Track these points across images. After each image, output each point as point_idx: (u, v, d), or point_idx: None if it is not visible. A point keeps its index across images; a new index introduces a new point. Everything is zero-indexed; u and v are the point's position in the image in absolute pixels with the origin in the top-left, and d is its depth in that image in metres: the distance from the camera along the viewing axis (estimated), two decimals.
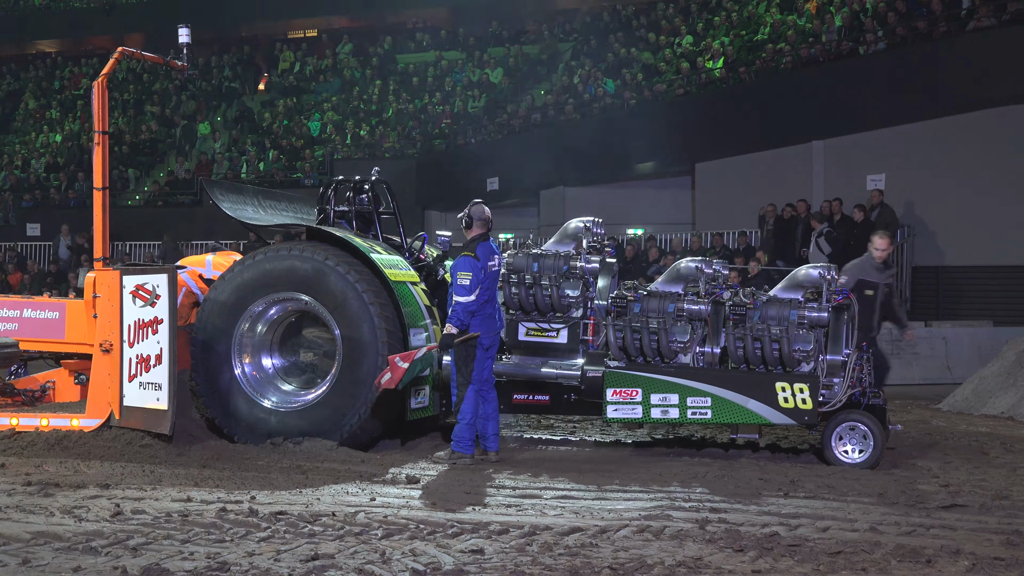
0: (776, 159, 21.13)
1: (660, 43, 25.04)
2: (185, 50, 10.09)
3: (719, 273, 9.60)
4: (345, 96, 30.20)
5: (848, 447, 8.91)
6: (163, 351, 8.95)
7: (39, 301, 10.56)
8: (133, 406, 9.06)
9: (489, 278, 8.97)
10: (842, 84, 19.83)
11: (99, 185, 9.66)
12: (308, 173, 27.03)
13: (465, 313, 8.77)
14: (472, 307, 8.78)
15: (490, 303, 9.04)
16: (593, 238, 9.95)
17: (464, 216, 9.07)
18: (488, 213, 9.16)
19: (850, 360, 8.98)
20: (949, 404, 13.44)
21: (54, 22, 35.53)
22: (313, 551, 5.99)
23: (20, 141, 32.31)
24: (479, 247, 8.93)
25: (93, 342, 9.38)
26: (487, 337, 9.01)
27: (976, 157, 18.53)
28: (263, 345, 9.78)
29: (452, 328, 8.77)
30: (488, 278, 8.94)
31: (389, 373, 8.63)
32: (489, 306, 9.02)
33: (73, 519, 6.76)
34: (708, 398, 9.03)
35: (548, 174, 24.18)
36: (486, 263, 8.89)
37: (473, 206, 9.11)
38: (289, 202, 11.55)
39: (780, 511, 7.12)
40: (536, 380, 9.73)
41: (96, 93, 9.61)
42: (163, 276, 9.06)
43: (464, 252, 8.90)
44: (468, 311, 8.77)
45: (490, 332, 9.05)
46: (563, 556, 5.96)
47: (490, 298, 9.04)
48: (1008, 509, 7.26)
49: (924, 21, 19.10)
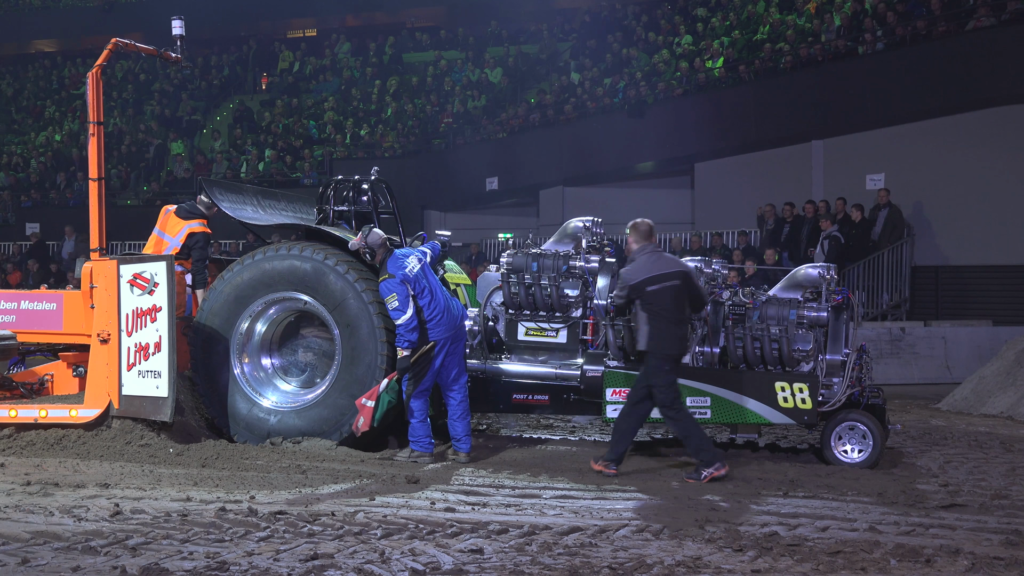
0: (775, 159, 21.14)
1: (659, 43, 25.03)
2: (179, 42, 10.10)
3: (718, 273, 9.60)
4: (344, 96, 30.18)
5: (847, 447, 8.92)
6: (162, 339, 8.96)
7: (36, 293, 10.56)
8: (132, 395, 9.06)
9: (416, 280, 8.94)
10: (841, 84, 19.85)
11: (94, 176, 9.66)
12: (307, 173, 27.02)
13: (408, 332, 8.83)
14: (412, 323, 8.83)
15: (436, 300, 9.01)
16: (592, 238, 9.95)
17: (365, 250, 9.07)
18: (382, 234, 9.18)
19: (849, 360, 8.98)
20: (948, 404, 13.45)
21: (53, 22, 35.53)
22: (312, 551, 5.99)
23: (19, 141, 32.29)
24: (388, 265, 8.97)
25: (91, 332, 9.38)
26: (449, 331, 8.99)
27: (975, 157, 18.53)
28: (262, 345, 9.79)
29: (403, 351, 8.85)
30: (415, 280, 8.93)
31: (361, 417, 8.83)
32: (436, 303, 9.00)
33: (72, 519, 6.76)
34: (707, 398, 9.03)
35: (547, 174, 24.19)
36: (402, 273, 8.90)
37: (369, 236, 9.08)
38: (288, 202, 11.54)
39: (779, 511, 7.12)
40: (535, 380, 9.74)
41: (90, 84, 9.61)
42: (161, 264, 9.07)
43: (380, 278, 8.95)
44: (410, 329, 8.83)
45: (451, 327, 9.03)
46: (562, 556, 5.96)
47: (433, 294, 9.01)
48: (1007, 509, 7.27)
49: (923, 21, 19.11)
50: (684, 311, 8.45)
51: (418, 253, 9.27)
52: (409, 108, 28.40)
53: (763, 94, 21.16)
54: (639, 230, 8.59)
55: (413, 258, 9.11)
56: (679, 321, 8.39)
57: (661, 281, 8.30)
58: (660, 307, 8.28)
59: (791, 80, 20.71)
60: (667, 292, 8.29)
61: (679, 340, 8.39)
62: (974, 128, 18.60)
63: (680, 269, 8.46)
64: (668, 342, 8.31)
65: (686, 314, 8.51)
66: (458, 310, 9.25)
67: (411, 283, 8.92)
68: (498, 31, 30.39)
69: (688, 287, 8.42)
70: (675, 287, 8.33)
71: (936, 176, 18.86)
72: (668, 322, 8.28)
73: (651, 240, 8.60)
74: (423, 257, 9.24)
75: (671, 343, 8.32)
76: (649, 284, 8.30)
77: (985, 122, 18.52)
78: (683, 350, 8.52)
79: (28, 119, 33.31)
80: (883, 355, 16.24)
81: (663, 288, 8.29)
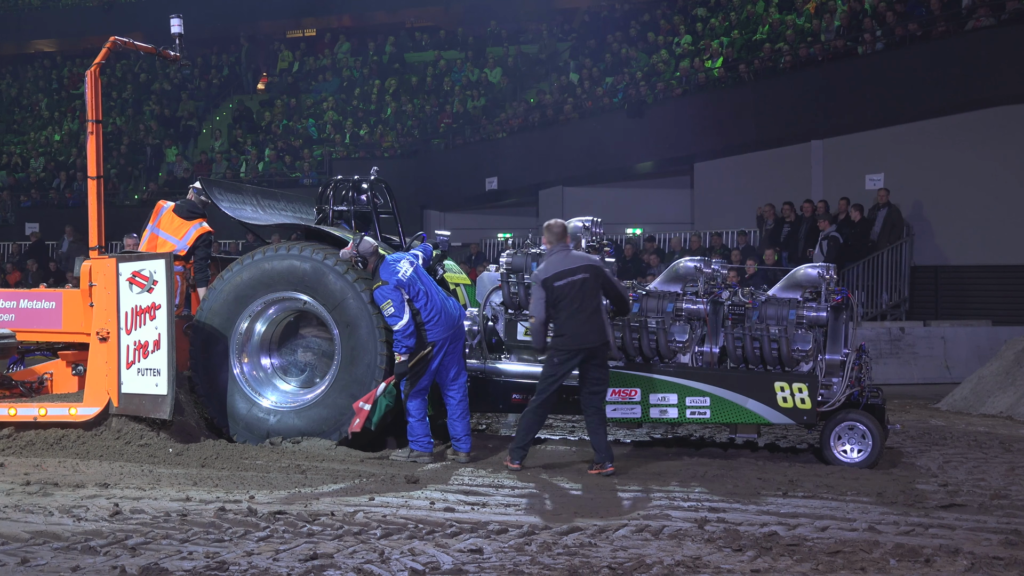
0: (775, 159, 21.15)
1: (659, 43, 25.04)
2: (178, 40, 10.09)
3: (718, 273, 9.60)
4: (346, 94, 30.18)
5: (847, 446, 8.92)
6: (161, 336, 8.96)
7: (35, 292, 10.56)
8: (131, 393, 9.06)
9: (410, 283, 8.95)
10: (841, 84, 19.85)
11: (93, 174, 9.65)
12: (307, 173, 27.02)
13: (405, 337, 8.86)
14: (408, 330, 8.85)
15: (432, 301, 9.00)
16: (592, 238, 9.95)
17: (357, 258, 9.12)
18: (373, 242, 9.20)
19: (849, 360, 8.98)
20: (948, 404, 13.45)
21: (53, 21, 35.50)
22: (312, 551, 5.99)
23: (18, 141, 32.29)
24: (380, 272, 9.01)
25: (90, 331, 9.38)
26: (447, 331, 8.99)
27: (975, 157, 18.54)
28: (262, 344, 9.78)
29: (400, 356, 8.88)
30: (409, 284, 8.94)
31: (357, 419, 8.86)
32: (432, 303, 9.00)
33: (72, 519, 6.76)
34: (707, 398, 9.04)
35: (547, 173, 24.19)
36: (395, 279, 8.92)
37: (361, 245, 9.13)
38: (288, 202, 11.54)
39: (779, 510, 7.12)
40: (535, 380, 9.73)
41: (89, 82, 9.61)
42: (160, 261, 9.07)
43: (374, 286, 8.99)
44: (406, 335, 8.85)
45: (448, 327, 9.02)
46: (562, 555, 5.96)
47: (428, 296, 9.00)
48: (1007, 508, 7.27)
49: (923, 21, 19.11)
50: (593, 303, 8.56)
51: (410, 256, 9.27)
52: (408, 108, 28.41)
53: (762, 94, 21.16)
54: (552, 231, 8.78)
55: (405, 262, 9.11)
56: (588, 313, 8.50)
57: (568, 276, 8.47)
58: (567, 301, 8.45)
59: (791, 80, 20.71)
60: (574, 286, 8.44)
61: (586, 333, 8.50)
62: (973, 128, 18.61)
63: (588, 263, 8.61)
64: (569, 337, 8.47)
65: (596, 306, 8.60)
66: (456, 309, 9.24)
67: (405, 287, 8.93)
68: (497, 31, 30.39)
69: (599, 280, 8.58)
70: (583, 280, 8.51)
71: (935, 176, 18.87)
72: (574, 316, 8.46)
73: (564, 240, 8.76)
74: (415, 260, 9.24)
75: (572, 338, 8.47)
76: (556, 280, 8.47)
77: (984, 122, 18.52)
78: (593, 342, 8.56)
79: (28, 119, 33.29)
80: (882, 355, 16.24)
81: (570, 282, 8.45)
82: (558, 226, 8.79)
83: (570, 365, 8.58)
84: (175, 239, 10.44)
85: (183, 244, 10.37)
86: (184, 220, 10.46)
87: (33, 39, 35.93)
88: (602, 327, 8.60)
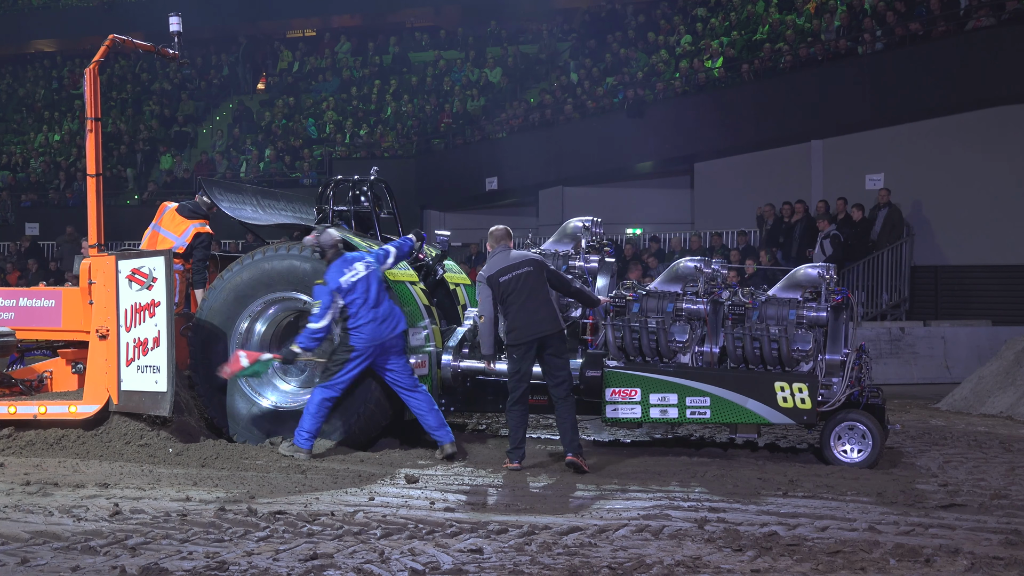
0: (775, 158, 21.14)
1: (659, 43, 25.04)
2: (177, 39, 10.08)
3: (718, 273, 9.60)
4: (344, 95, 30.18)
5: (847, 446, 8.92)
6: (161, 333, 8.97)
7: (35, 290, 10.56)
8: (131, 390, 9.07)
9: (349, 291, 8.88)
10: (841, 84, 19.84)
11: (92, 172, 9.66)
12: (307, 173, 27.02)
13: (311, 338, 8.89)
14: (320, 333, 8.87)
15: (365, 307, 8.90)
16: (592, 237, 9.95)
17: (316, 249, 9.15)
18: (335, 235, 9.18)
19: (849, 360, 8.98)
20: (948, 403, 13.45)
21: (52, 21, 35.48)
22: (312, 550, 5.99)
23: (18, 141, 32.28)
24: (329, 269, 9.00)
25: (89, 329, 9.38)
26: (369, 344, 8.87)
27: (975, 157, 18.54)
28: (262, 344, 9.77)
29: (297, 348, 8.94)
30: (348, 292, 8.87)
31: (229, 367, 9.01)
32: (361, 317, 8.89)
33: (72, 519, 6.76)
34: (707, 398, 9.04)
35: (547, 173, 24.18)
36: (336, 283, 8.88)
37: (322, 236, 9.15)
38: (288, 202, 11.54)
39: (779, 510, 7.13)
40: (535, 380, 9.73)
41: (88, 80, 9.62)
42: (160, 259, 9.08)
43: (317, 280, 9.05)
44: (314, 336, 8.89)
45: (372, 340, 8.88)
46: (562, 555, 5.96)
47: (366, 302, 8.90)
48: (1007, 508, 7.27)
49: (923, 21, 19.11)
50: (540, 294, 8.74)
51: (370, 258, 9.14)
52: (408, 108, 28.41)
53: (763, 94, 21.16)
54: (494, 235, 9.06)
55: (360, 264, 9.02)
56: (537, 303, 8.70)
57: (511, 271, 8.74)
58: (515, 295, 8.69)
59: (791, 80, 20.71)
60: (519, 279, 8.71)
61: (537, 322, 8.68)
62: (974, 128, 18.61)
63: (530, 258, 8.89)
64: (520, 329, 8.68)
65: (544, 297, 8.76)
66: (390, 327, 8.99)
67: (343, 294, 8.89)
68: (497, 31, 30.39)
69: (542, 272, 8.80)
70: (527, 273, 8.74)
71: (935, 176, 18.87)
72: (523, 308, 8.66)
73: (505, 242, 9.00)
74: (374, 263, 9.10)
75: (523, 329, 8.68)
76: (501, 275, 8.73)
77: (985, 122, 18.52)
78: (545, 330, 8.72)
79: (28, 119, 33.29)
80: (882, 355, 16.24)
81: (514, 276, 8.72)
82: (500, 230, 9.11)
83: (529, 357, 8.74)
84: (174, 236, 10.51)
85: (181, 241, 10.43)
86: (185, 219, 10.53)
87: (33, 39, 35.91)
88: (554, 315, 8.79)
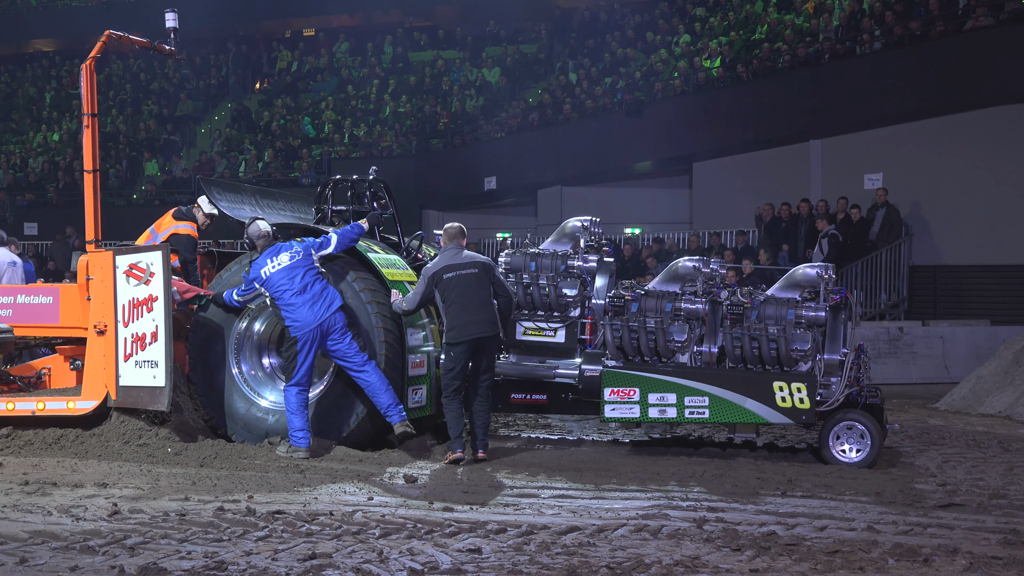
0: (773, 158, 21.16)
1: (657, 43, 25.04)
2: (173, 35, 10.07)
3: (716, 272, 9.60)
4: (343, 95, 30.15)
5: (846, 446, 8.92)
6: (159, 328, 8.98)
7: (33, 287, 10.57)
8: (129, 385, 9.07)
9: (276, 278, 8.99)
10: (840, 83, 19.87)
11: (89, 168, 9.66)
12: (306, 172, 27.01)
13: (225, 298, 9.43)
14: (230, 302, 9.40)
15: (299, 295, 8.95)
16: (591, 237, 9.96)
17: (246, 240, 9.36)
18: (264, 227, 9.35)
19: (847, 359, 8.99)
20: (946, 403, 13.45)
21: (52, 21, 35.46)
22: (311, 550, 5.99)
23: (17, 140, 32.27)
24: (254, 263, 9.18)
25: (87, 325, 9.38)
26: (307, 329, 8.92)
27: (973, 156, 18.55)
28: (261, 344, 9.78)
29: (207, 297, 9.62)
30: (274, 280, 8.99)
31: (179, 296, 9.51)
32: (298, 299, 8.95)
33: (71, 518, 6.76)
34: (706, 397, 9.04)
35: (546, 173, 24.18)
36: (255, 274, 9.09)
37: (249, 227, 9.34)
38: (287, 201, 11.54)
39: (778, 510, 7.13)
40: (534, 379, 9.75)
41: (84, 76, 9.63)
42: (157, 253, 9.09)
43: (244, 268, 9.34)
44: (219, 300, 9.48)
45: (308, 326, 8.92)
46: (561, 555, 5.96)
47: (300, 291, 8.96)
48: (1005, 508, 7.27)
49: (922, 21, 19.12)
50: (481, 296, 8.91)
51: (299, 247, 9.17)
52: (407, 108, 28.39)
53: (761, 94, 21.17)
54: (448, 233, 9.23)
55: (286, 255, 9.08)
56: (477, 306, 8.87)
57: (456, 270, 8.91)
58: (456, 295, 8.86)
59: (789, 80, 20.72)
60: (462, 279, 8.87)
61: (476, 323, 8.85)
62: (972, 128, 18.62)
63: (478, 260, 9.05)
64: (459, 329, 8.84)
65: (485, 299, 8.93)
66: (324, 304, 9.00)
67: (262, 284, 9.07)
68: (496, 31, 30.38)
69: (488, 275, 8.98)
70: (472, 274, 8.92)
71: (934, 176, 18.88)
72: (464, 308, 8.82)
73: (458, 240, 9.14)
74: (301, 251, 9.12)
75: (462, 329, 8.84)
76: (446, 272, 8.90)
77: (983, 122, 18.54)
78: (483, 332, 8.90)
79: (27, 119, 33.27)
80: (881, 355, 16.25)
81: (458, 275, 8.88)
82: (453, 228, 9.23)
83: (465, 356, 8.88)
84: (155, 232, 10.69)
85: (157, 238, 10.54)
86: (173, 220, 10.66)
87: (33, 39, 35.89)
88: (492, 318, 8.96)
